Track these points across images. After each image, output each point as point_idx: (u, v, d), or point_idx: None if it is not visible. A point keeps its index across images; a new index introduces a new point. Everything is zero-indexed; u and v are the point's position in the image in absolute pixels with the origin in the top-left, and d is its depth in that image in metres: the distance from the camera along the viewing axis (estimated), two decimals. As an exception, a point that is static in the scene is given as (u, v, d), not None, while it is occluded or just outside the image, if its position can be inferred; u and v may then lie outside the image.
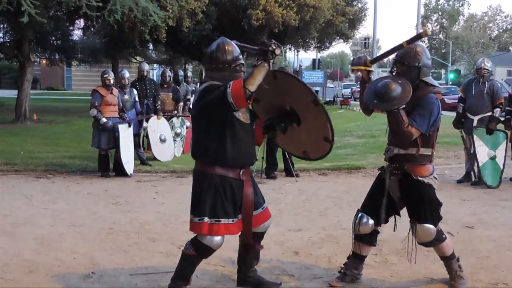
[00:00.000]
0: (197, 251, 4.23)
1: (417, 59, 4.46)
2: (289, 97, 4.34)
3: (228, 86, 3.85)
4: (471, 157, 9.36)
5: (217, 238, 4.17)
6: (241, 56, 4.29)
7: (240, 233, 4.33)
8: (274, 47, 3.79)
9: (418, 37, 4.49)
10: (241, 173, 4.24)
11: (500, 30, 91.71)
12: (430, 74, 4.64)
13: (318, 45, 35.52)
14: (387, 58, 5.54)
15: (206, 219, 4.12)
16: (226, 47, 4.22)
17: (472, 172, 9.48)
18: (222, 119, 4.09)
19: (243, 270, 4.64)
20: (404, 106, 4.28)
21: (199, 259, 4.31)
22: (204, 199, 4.14)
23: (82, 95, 36.27)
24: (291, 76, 4.43)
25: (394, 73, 4.58)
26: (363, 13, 35.14)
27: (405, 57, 4.48)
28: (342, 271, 4.78)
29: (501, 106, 9.27)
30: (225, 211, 4.16)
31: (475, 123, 9.22)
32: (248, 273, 4.63)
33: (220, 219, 4.14)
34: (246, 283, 4.65)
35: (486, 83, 9.22)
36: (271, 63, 3.85)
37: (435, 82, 4.63)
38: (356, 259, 4.77)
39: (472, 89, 9.29)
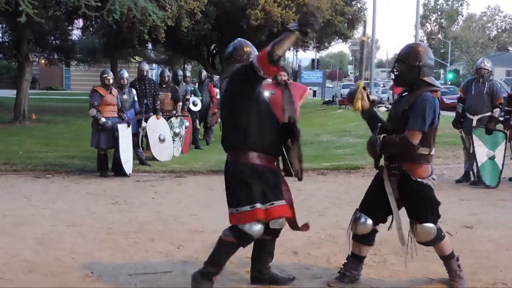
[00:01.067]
0: (238, 238, 4.26)
1: (418, 58, 4.46)
2: None
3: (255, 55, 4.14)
4: (470, 157, 9.36)
5: (258, 227, 4.22)
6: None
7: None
8: (313, 24, 3.89)
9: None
10: (275, 163, 4.45)
11: (499, 30, 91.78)
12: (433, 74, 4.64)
13: (317, 45, 35.53)
14: (386, 59, 5.53)
15: (258, 205, 4.19)
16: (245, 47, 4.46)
17: (471, 172, 9.49)
18: (253, 94, 4.22)
19: (258, 267, 4.67)
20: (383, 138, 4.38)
21: (237, 247, 4.36)
22: (250, 186, 4.20)
23: (81, 95, 36.31)
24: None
25: (395, 72, 4.58)
26: (362, 13, 35.14)
27: (406, 56, 4.49)
28: (341, 271, 4.78)
29: (500, 106, 9.28)
30: (275, 194, 4.30)
31: (474, 123, 9.23)
32: (263, 270, 4.68)
33: (273, 202, 4.25)
34: (261, 280, 4.68)
35: (486, 83, 9.23)
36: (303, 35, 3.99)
37: (437, 83, 4.62)
38: (355, 260, 4.76)
39: (471, 89, 9.30)
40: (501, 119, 9.61)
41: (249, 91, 4.19)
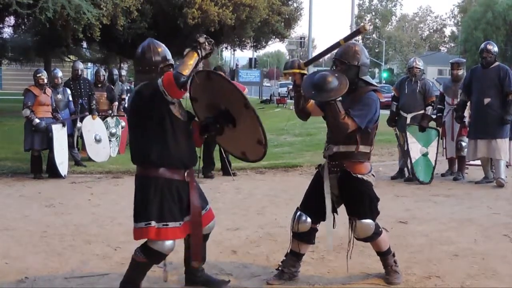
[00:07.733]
0: (148, 257, 4.17)
1: (356, 58, 4.53)
2: (224, 98, 4.34)
3: (160, 78, 3.94)
4: (405, 154, 9.57)
5: (168, 243, 4.11)
6: (170, 57, 4.25)
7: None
8: (201, 40, 3.95)
9: (356, 33, 4.52)
10: (185, 174, 4.21)
11: (431, 30, 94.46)
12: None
13: (255, 44, 35.63)
14: (322, 58, 5.58)
15: (153, 223, 4.05)
16: (153, 48, 4.18)
17: (405, 169, 9.70)
18: (159, 117, 4.04)
19: (191, 270, 4.63)
20: (340, 98, 4.33)
21: (150, 265, 4.27)
22: (150, 203, 4.07)
23: (14, 94, 35.31)
24: (222, 77, 4.45)
25: None
26: (299, 13, 35.44)
27: (344, 56, 4.54)
28: (279, 269, 4.81)
29: (432, 104, 9.52)
30: (172, 215, 4.11)
31: (408, 121, 9.43)
32: (196, 273, 4.64)
33: (168, 223, 4.09)
34: (195, 282, 4.65)
35: (418, 82, 9.45)
36: (200, 53, 3.98)
37: (373, 81, 4.73)
38: (293, 257, 4.79)
39: (405, 88, 9.51)
40: (434, 116, 9.87)
41: (156, 114, 4.03)
